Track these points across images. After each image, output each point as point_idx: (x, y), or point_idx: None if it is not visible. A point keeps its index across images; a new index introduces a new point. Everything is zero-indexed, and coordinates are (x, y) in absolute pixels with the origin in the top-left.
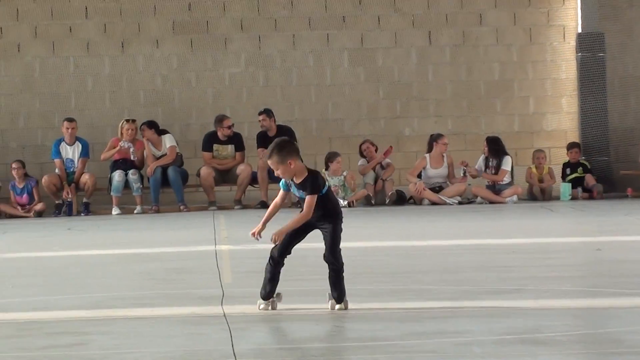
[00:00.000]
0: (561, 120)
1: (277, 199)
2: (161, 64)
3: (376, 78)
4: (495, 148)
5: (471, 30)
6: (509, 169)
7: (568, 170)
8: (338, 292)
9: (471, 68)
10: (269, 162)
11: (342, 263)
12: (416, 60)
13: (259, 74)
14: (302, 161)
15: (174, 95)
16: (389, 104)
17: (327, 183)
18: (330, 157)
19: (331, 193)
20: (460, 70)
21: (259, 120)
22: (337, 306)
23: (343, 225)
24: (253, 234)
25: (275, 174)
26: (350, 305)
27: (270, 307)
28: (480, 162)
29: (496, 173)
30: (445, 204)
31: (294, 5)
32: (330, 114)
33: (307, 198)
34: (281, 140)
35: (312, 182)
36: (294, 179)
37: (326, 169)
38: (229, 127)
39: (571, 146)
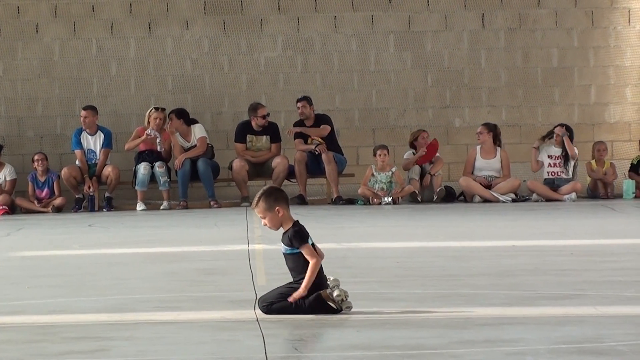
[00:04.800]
0: (625, 111)
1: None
2: (191, 47)
3: (424, 64)
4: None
5: (528, 12)
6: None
7: None
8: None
9: (527, 54)
10: (256, 210)
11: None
12: (468, 44)
13: (297, 59)
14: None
15: (204, 81)
16: (438, 92)
17: (310, 239)
18: (374, 150)
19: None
20: (516, 56)
21: (298, 108)
22: None
23: (387, 224)
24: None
25: (262, 224)
26: (394, 311)
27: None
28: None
29: (564, 163)
30: (498, 201)
31: None
32: (374, 103)
33: (304, 250)
34: (269, 187)
35: (297, 231)
36: (282, 228)
37: None
38: (264, 117)
39: None
